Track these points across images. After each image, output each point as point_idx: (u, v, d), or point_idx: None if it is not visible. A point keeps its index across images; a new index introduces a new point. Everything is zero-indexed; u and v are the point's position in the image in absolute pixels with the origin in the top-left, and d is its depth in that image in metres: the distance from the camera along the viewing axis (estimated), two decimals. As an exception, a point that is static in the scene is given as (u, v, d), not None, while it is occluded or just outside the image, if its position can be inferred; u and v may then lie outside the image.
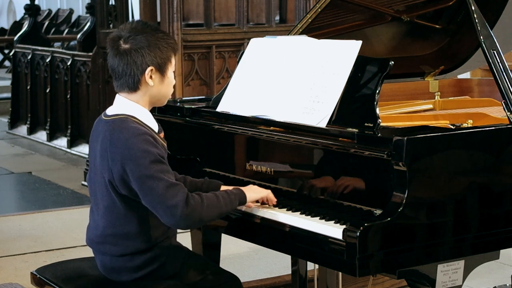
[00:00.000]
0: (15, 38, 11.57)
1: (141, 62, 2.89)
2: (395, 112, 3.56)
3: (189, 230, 3.66)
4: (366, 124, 2.88)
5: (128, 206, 2.90)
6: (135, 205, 2.89)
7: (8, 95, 11.38)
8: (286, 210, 2.97)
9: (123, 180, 2.83)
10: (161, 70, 2.93)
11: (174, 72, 3.00)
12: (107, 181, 2.88)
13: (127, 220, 2.91)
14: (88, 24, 10.08)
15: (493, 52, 3.16)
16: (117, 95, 2.98)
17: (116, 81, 2.95)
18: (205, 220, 2.88)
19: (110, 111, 2.97)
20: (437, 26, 3.88)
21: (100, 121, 2.98)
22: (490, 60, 3.15)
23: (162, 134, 3.00)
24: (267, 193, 3.00)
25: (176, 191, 2.80)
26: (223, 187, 3.13)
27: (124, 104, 2.94)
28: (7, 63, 15.62)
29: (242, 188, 2.99)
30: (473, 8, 3.24)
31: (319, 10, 3.54)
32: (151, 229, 2.93)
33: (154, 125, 2.96)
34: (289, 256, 3.66)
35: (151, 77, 2.92)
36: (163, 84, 2.96)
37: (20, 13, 16.74)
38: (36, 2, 12.69)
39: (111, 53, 2.94)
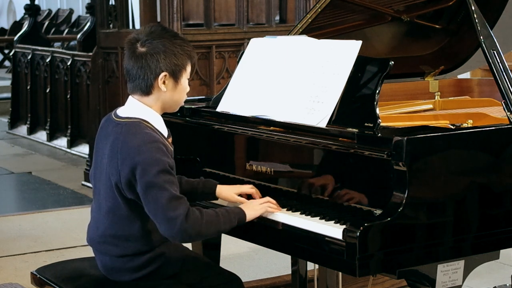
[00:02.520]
0: (15, 38, 11.57)
1: (155, 67, 2.89)
2: (395, 112, 3.56)
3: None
4: (366, 124, 2.88)
5: (131, 209, 2.90)
6: (139, 208, 2.89)
7: (8, 95, 11.38)
8: (286, 210, 2.97)
9: (130, 184, 2.83)
10: (175, 76, 2.93)
11: (188, 79, 3.00)
12: (114, 183, 2.87)
13: (130, 222, 2.91)
14: (88, 24, 10.07)
15: (493, 52, 3.16)
16: (129, 97, 2.98)
17: (130, 83, 2.96)
18: (203, 236, 2.89)
19: (122, 112, 2.96)
20: (437, 26, 3.88)
21: (110, 122, 2.97)
22: (490, 60, 3.15)
23: (170, 139, 3.00)
24: (266, 209, 2.96)
25: (178, 204, 2.80)
26: (219, 187, 3.13)
27: (137, 107, 2.93)
28: (7, 63, 15.63)
29: (241, 205, 2.99)
30: (473, 8, 3.24)
31: (319, 10, 3.54)
32: (152, 232, 2.93)
33: (164, 130, 2.96)
34: (289, 256, 3.66)
35: (164, 82, 2.91)
36: (175, 91, 2.95)
37: (20, 13, 16.75)
38: (36, 2, 12.69)
39: (127, 55, 2.94)
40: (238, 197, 3.10)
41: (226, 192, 3.12)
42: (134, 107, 2.94)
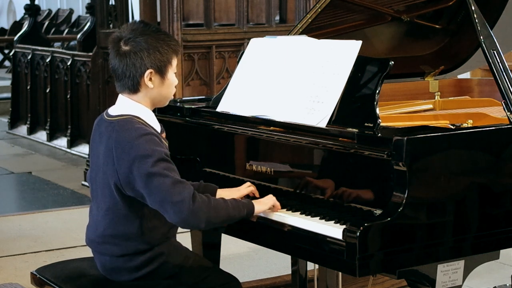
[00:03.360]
0: (15, 38, 11.57)
1: (140, 65, 2.89)
2: (395, 112, 3.56)
3: (189, 230, 3.66)
4: (366, 124, 2.88)
5: (130, 208, 2.90)
6: (138, 207, 2.89)
7: (8, 95, 11.38)
8: (286, 210, 2.97)
9: (128, 181, 2.83)
10: (161, 72, 2.93)
11: (175, 72, 3.00)
12: (112, 182, 2.87)
13: (129, 221, 2.91)
14: (88, 24, 10.08)
15: (493, 52, 3.16)
16: (119, 95, 2.98)
17: (117, 82, 2.96)
18: (213, 221, 2.85)
19: (113, 111, 2.96)
20: (437, 26, 3.88)
21: (102, 121, 2.97)
22: (490, 60, 3.15)
23: (164, 134, 3.00)
24: (273, 202, 2.98)
25: (182, 187, 2.79)
26: (219, 191, 3.13)
27: (127, 104, 2.94)
28: (7, 63, 15.63)
29: (248, 200, 2.99)
30: (473, 8, 3.24)
31: (319, 10, 3.54)
32: (152, 230, 2.93)
33: (157, 126, 2.96)
34: (289, 256, 3.66)
35: (150, 79, 2.91)
36: (163, 86, 2.95)
37: (20, 13, 16.74)
38: (36, 2, 12.69)
39: (112, 54, 2.94)
40: (232, 196, 3.10)
41: (227, 197, 3.11)
42: (124, 105, 2.95)
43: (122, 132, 2.86)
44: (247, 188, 3.11)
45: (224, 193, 3.11)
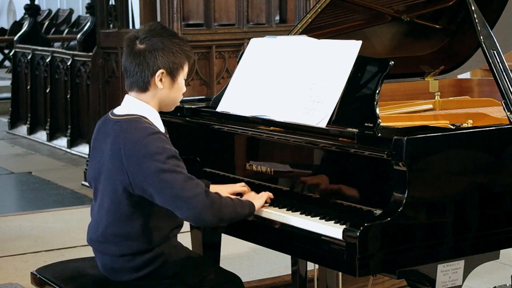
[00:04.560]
0: (15, 38, 11.58)
1: (153, 64, 2.91)
2: (395, 112, 3.56)
3: (189, 230, 3.66)
4: (366, 124, 2.88)
5: (134, 207, 2.89)
6: (142, 206, 2.89)
7: (8, 95, 11.39)
8: (286, 210, 2.97)
9: (138, 179, 2.83)
10: (172, 75, 2.94)
11: (185, 79, 3.01)
12: (119, 181, 2.87)
13: (131, 220, 2.91)
14: (88, 24, 10.08)
15: (493, 52, 3.17)
16: (126, 96, 2.99)
17: (127, 79, 2.97)
18: (223, 218, 2.88)
19: (119, 111, 2.97)
20: (437, 26, 3.88)
21: (107, 121, 2.97)
22: (490, 60, 3.15)
23: (167, 136, 3.01)
24: (267, 195, 3.03)
25: (195, 184, 2.82)
26: (212, 187, 3.13)
27: (135, 104, 2.94)
28: (7, 63, 15.64)
29: (246, 199, 3.01)
30: (473, 8, 3.24)
31: (319, 10, 3.54)
32: (153, 230, 2.93)
33: (161, 127, 2.97)
34: (289, 256, 3.66)
35: (161, 80, 2.92)
36: (172, 89, 2.96)
37: (20, 13, 16.75)
38: (36, 2, 12.69)
39: (126, 51, 2.96)
40: (233, 196, 3.11)
41: (221, 192, 3.12)
42: (131, 105, 2.95)
43: (130, 131, 2.86)
44: (241, 187, 3.13)
45: (217, 189, 3.12)
